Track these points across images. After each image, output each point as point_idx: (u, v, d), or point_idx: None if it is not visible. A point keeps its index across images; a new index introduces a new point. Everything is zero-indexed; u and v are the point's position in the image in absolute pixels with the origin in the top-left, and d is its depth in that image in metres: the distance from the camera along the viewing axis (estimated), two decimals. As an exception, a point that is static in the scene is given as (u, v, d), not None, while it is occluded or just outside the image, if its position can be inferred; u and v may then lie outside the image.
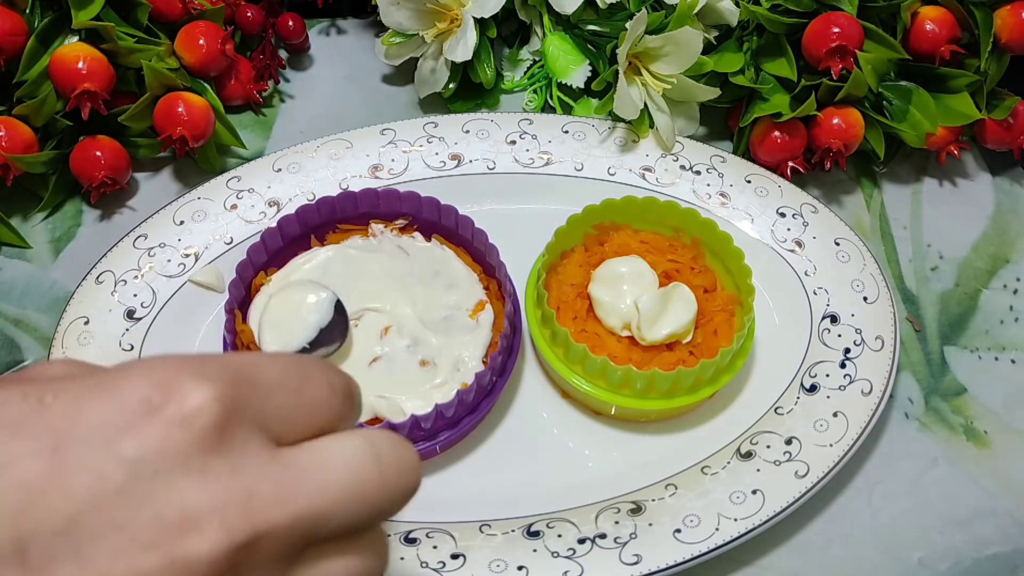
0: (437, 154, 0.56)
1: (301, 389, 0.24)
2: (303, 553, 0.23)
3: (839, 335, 0.50)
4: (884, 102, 0.58)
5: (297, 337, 0.44)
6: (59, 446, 0.21)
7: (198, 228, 0.53)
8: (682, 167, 0.56)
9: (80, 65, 0.51)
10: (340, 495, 0.23)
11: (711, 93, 0.56)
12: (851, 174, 0.60)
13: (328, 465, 0.23)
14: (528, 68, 0.63)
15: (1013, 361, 0.53)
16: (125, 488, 0.20)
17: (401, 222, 0.51)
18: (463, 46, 0.56)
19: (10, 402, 0.22)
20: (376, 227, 0.51)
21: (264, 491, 0.22)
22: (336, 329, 0.45)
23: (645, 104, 0.56)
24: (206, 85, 0.57)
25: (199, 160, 0.58)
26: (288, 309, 0.45)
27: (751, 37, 0.58)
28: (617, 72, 0.54)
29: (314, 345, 0.45)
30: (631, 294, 0.47)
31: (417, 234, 0.51)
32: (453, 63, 0.59)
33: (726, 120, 0.61)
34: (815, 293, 0.52)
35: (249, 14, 0.61)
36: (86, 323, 0.49)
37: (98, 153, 0.54)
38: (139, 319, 0.49)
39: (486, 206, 0.55)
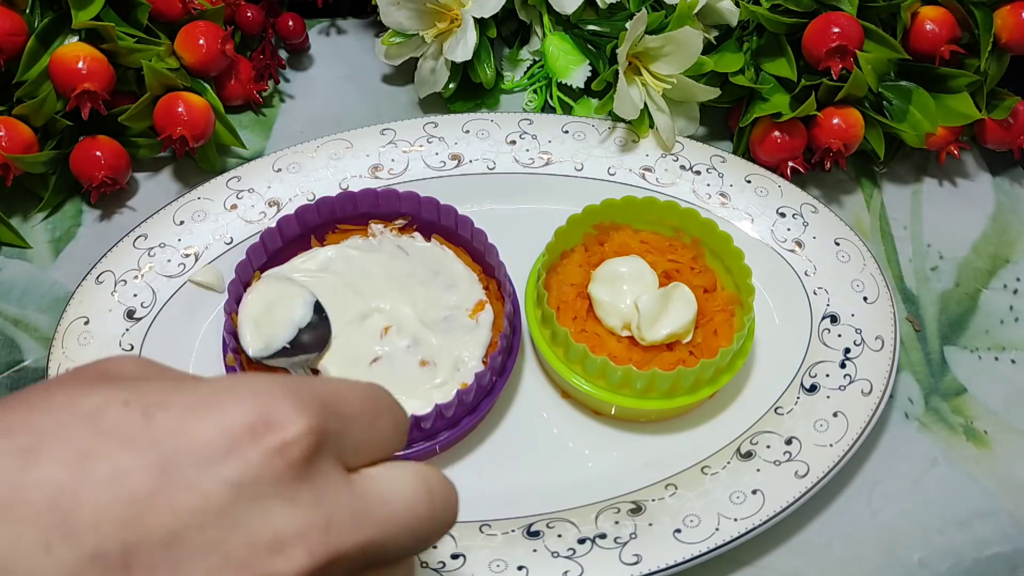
0: (437, 154, 0.56)
1: (373, 424, 0.27)
2: (361, 574, 0.25)
3: (839, 335, 0.50)
4: (884, 102, 0.58)
5: (278, 337, 0.45)
6: (167, 464, 0.22)
7: (198, 228, 0.53)
8: (682, 167, 0.56)
9: (80, 65, 0.51)
10: (399, 527, 0.26)
11: (711, 93, 0.56)
12: (851, 174, 0.60)
13: (392, 499, 0.26)
14: (528, 68, 0.63)
15: (1013, 361, 0.53)
16: (225, 509, 0.22)
17: (401, 222, 0.51)
18: (463, 46, 0.56)
19: (112, 409, 0.23)
20: (376, 227, 0.51)
21: (341, 521, 0.24)
22: (318, 331, 0.46)
23: (645, 104, 0.56)
24: (206, 85, 0.57)
25: (199, 160, 0.58)
26: (266, 307, 0.46)
27: (751, 37, 0.58)
28: (617, 72, 0.54)
29: (294, 346, 0.45)
30: (631, 294, 0.47)
31: (417, 234, 0.51)
32: (453, 63, 0.59)
33: (726, 120, 0.61)
34: (815, 293, 0.52)
35: (249, 14, 0.61)
36: (86, 323, 0.49)
37: (98, 153, 0.54)
38: (139, 319, 0.49)
39: (486, 206, 0.55)
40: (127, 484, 0.21)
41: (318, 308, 0.46)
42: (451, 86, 0.60)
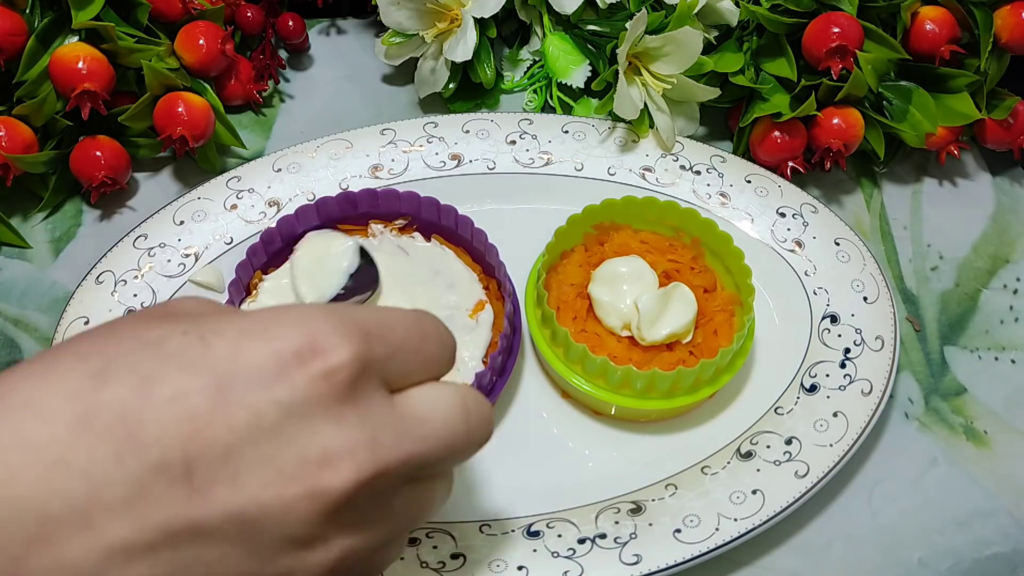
0: (437, 154, 0.56)
1: (420, 348, 0.28)
2: (403, 486, 0.27)
3: (839, 335, 0.50)
4: (884, 102, 0.58)
5: (332, 285, 0.47)
6: (222, 385, 0.24)
7: (198, 228, 0.53)
8: (682, 167, 0.56)
9: (80, 65, 0.51)
10: (438, 443, 0.28)
11: (711, 93, 0.56)
12: (851, 174, 0.60)
13: (432, 417, 0.28)
14: (528, 68, 0.63)
15: (1013, 361, 0.53)
16: (276, 427, 0.24)
17: (401, 222, 0.51)
18: (463, 46, 0.56)
19: (174, 337, 0.25)
20: (376, 227, 0.51)
21: (385, 438, 0.26)
22: (366, 274, 0.47)
23: (645, 104, 0.56)
24: (206, 85, 0.57)
25: (199, 160, 0.58)
26: (315, 260, 0.48)
27: (751, 37, 0.58)
28: (617, 72, 0.54)
29: (347, 291, 0.47)
30: (631, 294, 0.47)
31: (417, 234, 0.51)
32: (453, 63, 0.59)
33: (726, 120, 0.61)
34: (815, 293, 0.52)
35: (249, 14, 0.61)
36: (86, 323, 0.49)
37: (98, 153, 0.54)
38: (139, 319, 0.49)
39: (486, 206, 0.55)
40: (186, 404, 0.23)
41: (363, 252, 0.48)
42: (451, 86, 0.60)
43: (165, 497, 0.23)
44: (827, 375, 0.48)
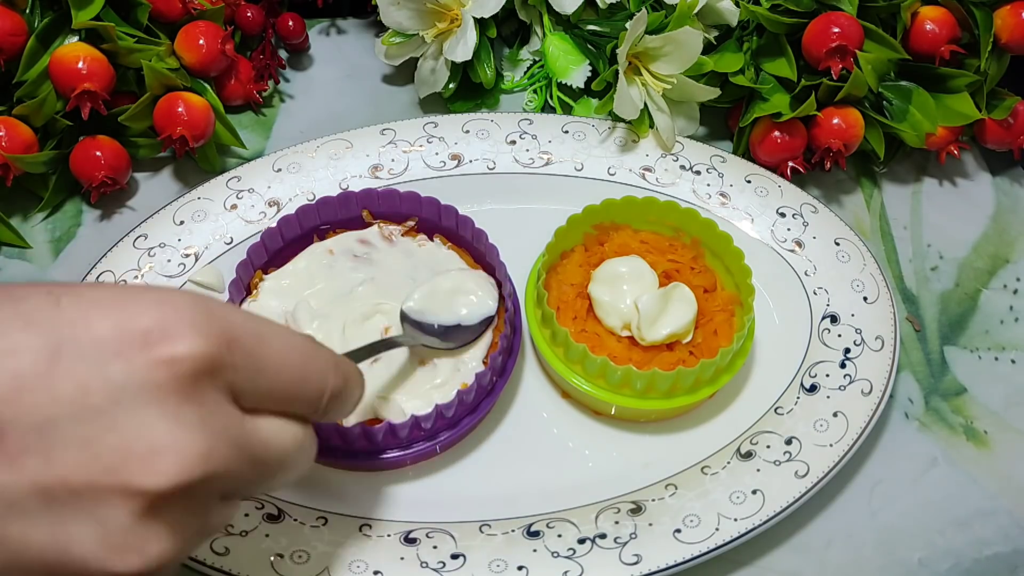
0: (437, 154, 0.56)
1: (290, 380, 0.27)
2: (221, 502, 0.26)
3: (839, 335, 0.50)
4: (884, 102, 0.58)
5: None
6: (58, 350, 0.23)
7: (198, 228, 0.53)
8: (682, 167, 0.56)
9: (80, 65, 0.51)
10: (267, 473, 0.27)
11: (711, 93, 0.56)
12: (851, 174, 0.60)
13: (274, 447, 0.27)
14: (528, 68, 0.63)
15: (1013, 361, 0.53)
16: (103, 408, 0.23)
17: (409, 223, 0.51)
18: (463, 46, 0.56)
19: (34, 296, 0.24)
20: (376, 227, 0.51)
21: (221, 451, 0.24)
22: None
23: (645, 104, 0.56)
24: (206, 85, 0.57)
25: (199, 160, 0.58)
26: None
27: (751, 37, 0.58)
28: (617, 72, 0.54)
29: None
30: (631, 294, 0.46)
31: (418, 234, 0.51)
32: (453, 63, 0.59)
33: (726, 120, 0.61)
34: (815, 293, 0.52)
35: (249, 14, 0.61)
36: (86, 323, 0.48)
37: (98, 153, 0.54)
38: (139, 319, 0.49)
39: (486, 206, 0.55)
40: (15, 362, 0.22)
41: (488, 322, 0.47)
42: (451, 86, 0.60)
43: None
44: (827, 375, 0.48)
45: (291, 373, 0.27)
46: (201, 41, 0.56)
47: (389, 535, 0.43)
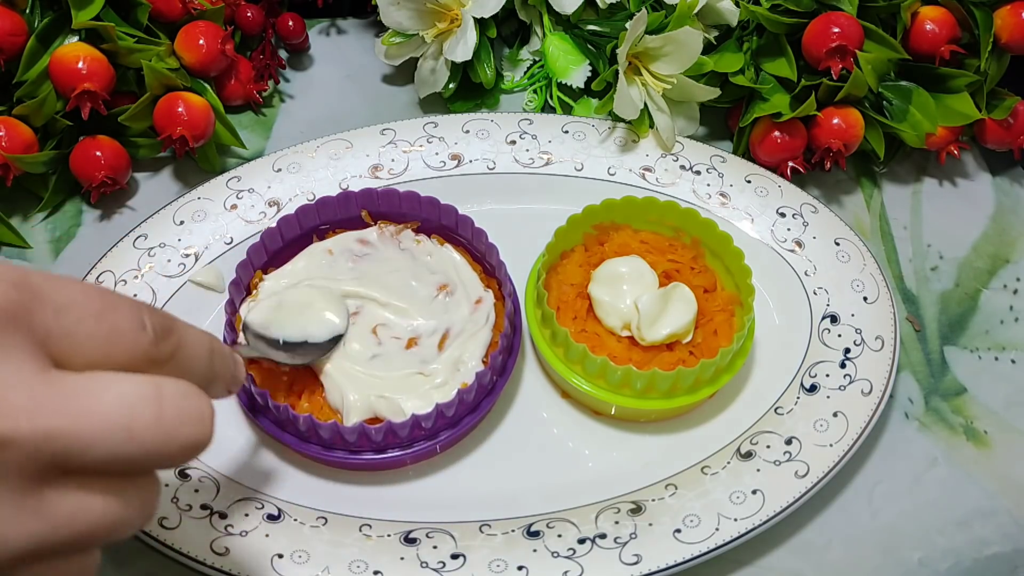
0: (437, 154, 0.56)
1: (101, 315, 0.23)
2: (57, 478, 0.22)
3: (839, 335, 0.50)
4: (884, 102, 0.58)
5: (282, 330, 0.45)
6: None
7: (198, 228, 0.53)
8: (682, 167, 0.56)
9: (80, 65, 0.51)
10: (103, 425, 0.22)
11: (711, 93, 0.56)
12: (851, 174, 0.60)
13: (99, 394, 0.22)
14: (528, 68, 0.63)
15: (1013, 361, 0.53)
16: None
17: (410, 223, 0.51)
18: (463, 46, 0.56)
19: None
20: (376, 227, 0.51)
21: (16, 399, 0.21)
22: (310, 352, 0.45)
23: (645, 104, 0.56)
24: (206, 85, 0.57)
25: (199, 160, 0.58)
26: (297, 306, 0.46)
27: (751, 37, 0.58)
28: (617, 72, 0.54)
29: (284, 346, 0.44)
30: (631, 294, 0.46)
31: (417, 234, 0.51)
32: (453, 63, 0.59)
33: (726, 120, 0.61)
34: (815, 293, 0.52)
35: (249, 14, 0.61)
36: (86, 323, 0.48)
37: (98, 153, 0.54)
38: (139, 319, 0.49)
39: (486, 206, 0.55)
40: None
41: (336, 340, 0.46)
42: (451, 86, 0.60)
43: None
44: (827, 375, 0.48)
45: (97, 307, 0.23)
46: (201, 41, 0.56)
47: (389, 535, 0.43)
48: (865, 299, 0.51)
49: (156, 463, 0.24)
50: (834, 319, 0.50)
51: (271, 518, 0.43)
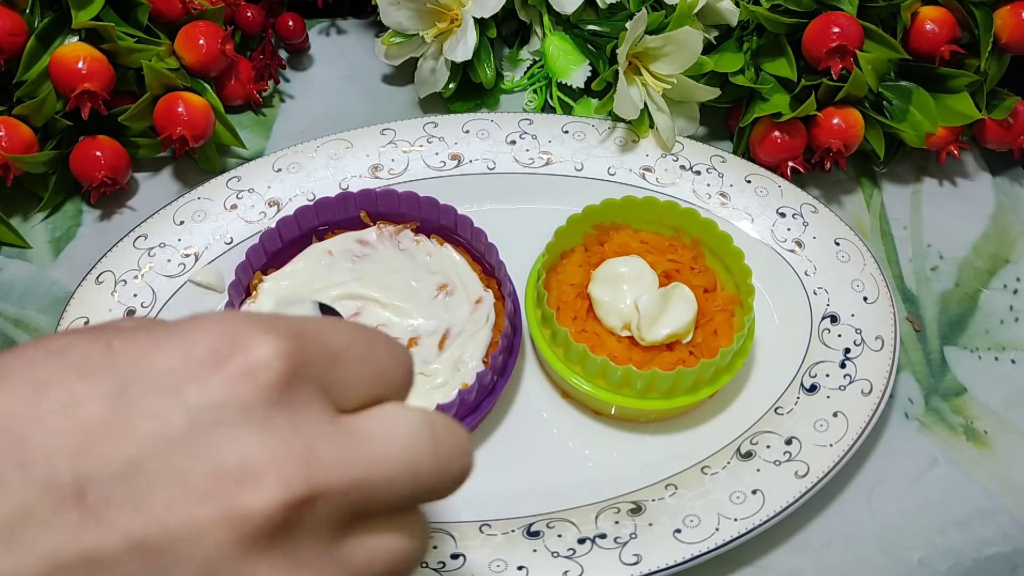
0: (437, 154, 0.56)
1: (367, 358, 0.24)
2: (351, 525, 0.22)
3: (839, 335, 0.50)
4: (884, 102, 0.58)
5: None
6: (124, 390, 0.20)
7: (198, 228, 0.53)
8: (682, 167, 0.56)
9: (80, 65, 0.51)
10: (396, 468, 0.23)
11: (711, 93, 0.56)
12: (851, 174, 0.60)
13: (387, 437, 0.23)
14: (528, 68, 0.63)
15: (1013, 361, 0.53)
16: (186, 436, 0.20)
17: (409, 224, 0.51)
18: (463, 46, 0.56)
19: (79, 344, 0.21)
20: (375, 227, 0.51)
21: (323, 452, 0.21)
22: None
23: (645, 104, 0.56)
24: (206, 85, 0.57)
25: (199, 160, 0.58)
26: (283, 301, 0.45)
27: (751, 37, 0.58)
28: (617, 72, 0.54)
29: None
30: (631, 294, 0.47)
31: (416, 234, 0.51)
32: (453, 63, 0.59)
33: (726, 120, 0.61)
34: (815, 293, 0.52)
35: (249, 14, 0.61)
36: (86, 323, 0.48)
37: (98, 153, 0.54)
38: (139, 319, 0.49)
39: (486, 206, 0.55)
40: (81, 412, 0.20)
41: (323, 308, 0.45)
42: (451, 86, 0.60)
43: (53, 522, 0.19)
44: (827, 375, 0.48)
45: (364, 348, 0.24)
46: (201, 41, 0.56)
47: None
48: (865, 299, 0.51)
49: (429, 499, 0.24)
50: (834, 319, 0.50)
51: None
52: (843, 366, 0.49)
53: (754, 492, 0.44)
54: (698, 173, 0.56)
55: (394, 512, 0.24)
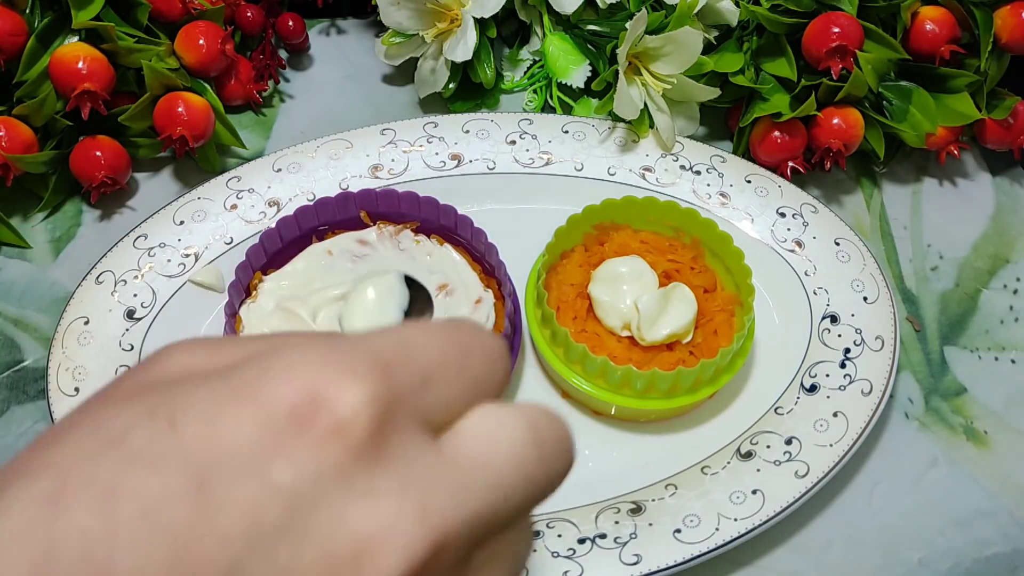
0: (437, 154, 0.56)
1: (461, 369, 0.22)
2: (472, 554, 0.21)
3: (839, 335, 0.50)
4: (884, 102, 0.58)
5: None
6: (203, 482, 0.18)
7: (198, 228, 0.53)
8: (682, 167, 0.56)
9: (80, 65, 0.51)
10: (509, 486, 0.21)
11: (711, 93, 0.56)
12: (851, 174, 0.60)
13: (494, 455, 0.21)
14: (528, 68, 0.63)
15: (1013, 361, 0.53)
16: (285, 524, 0.18)
17: (412, 226, 0.51)
18: (463, 46, 0.56)
19: (138, 426, 0.19)
20: (375, 227, 0.51)
21: (437, 500, 0.19)
22: (420, 304, 0.41)
23: (645, 104, 0.56)
24: (206, 85, 0.57)
25: (199, 160, 0.58)
26: (364, 312, 0.42)
27: (751, 37, 0.58)
28: (617, 72, 0.54)
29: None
30: (631, 294, 0.46)
31: (416, 234, 0.51)
32: (453, 63, 0.59)
33: (726, 120, 0.61)
34: (815, 293, 0.52)
35: (249, 14, 0.61)
36: (86, 323, 0.49)
37: (98, 153, 0.54)
38: (139, 319, 0.49)
39: (486, 206, 0.55)
40: (163, 518, 0.18)
41: (408, 281, 0.41)
42: (451, 86, 0.60)
43: None
44: (827, 375, 0.48)
45: (456, 357, 0.22)
46: (201, 41, 0.56)
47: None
48: (865, 299, 0.51)
49: (539, 502, 0.22)
50: (834, 319, 0.50)
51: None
52: (843, 366, 0.49)
53: (754, 492, 0.44)
54: (698, 173, 0.56)
55: (507, 526, 0.22)
